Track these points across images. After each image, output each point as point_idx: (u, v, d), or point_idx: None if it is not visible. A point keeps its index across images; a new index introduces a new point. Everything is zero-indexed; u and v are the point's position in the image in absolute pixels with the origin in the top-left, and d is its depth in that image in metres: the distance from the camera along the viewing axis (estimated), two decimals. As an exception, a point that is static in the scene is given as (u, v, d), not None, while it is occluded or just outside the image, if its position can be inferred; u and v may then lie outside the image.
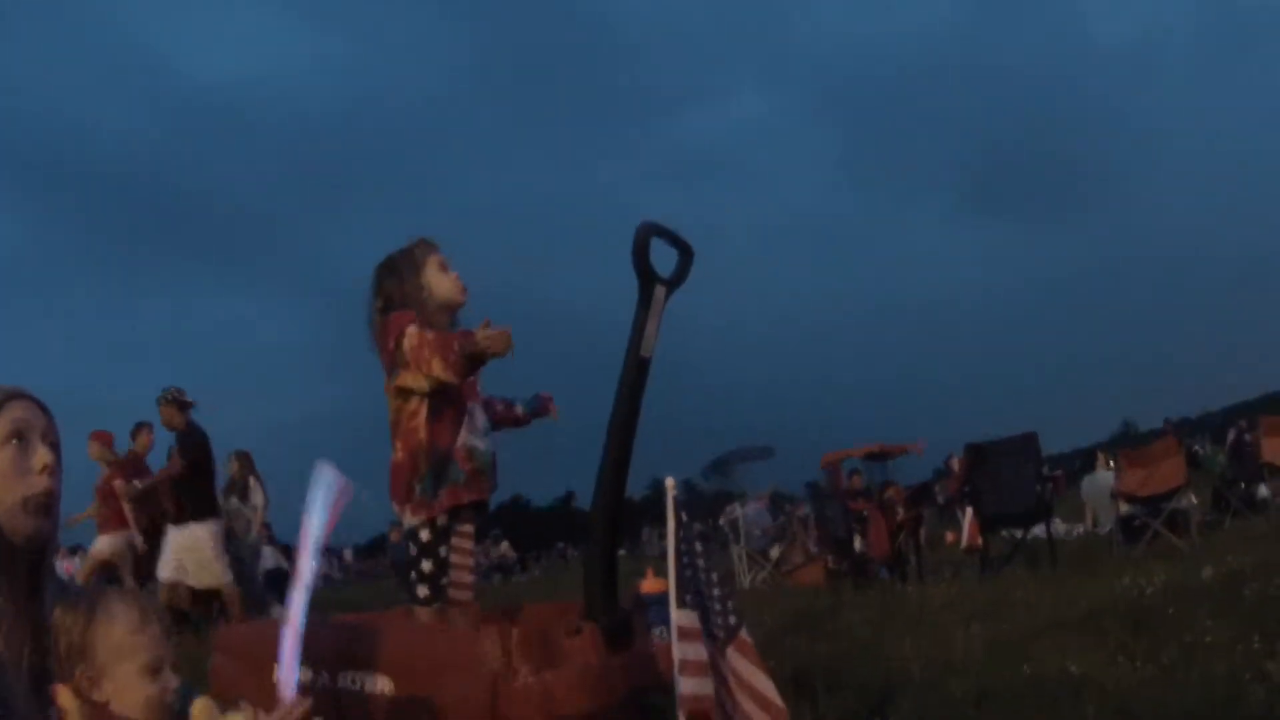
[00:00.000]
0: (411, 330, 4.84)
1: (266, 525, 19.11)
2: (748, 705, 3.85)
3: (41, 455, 2.65)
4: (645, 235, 4.69)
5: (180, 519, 13.07)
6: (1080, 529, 19.46)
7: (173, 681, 2.65)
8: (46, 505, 2.66)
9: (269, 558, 21.82)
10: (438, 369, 4.71)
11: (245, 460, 15.58)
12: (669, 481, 4.24)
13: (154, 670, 2.62)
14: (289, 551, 29.24)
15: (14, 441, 2.62)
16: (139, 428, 15.48)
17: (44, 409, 2.75)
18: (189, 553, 12.83)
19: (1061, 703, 5.67)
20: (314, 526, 2.80)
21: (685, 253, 4.87)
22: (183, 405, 13.23)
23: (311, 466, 2.79)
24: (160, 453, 15.19)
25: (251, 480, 15.33)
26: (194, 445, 13.13)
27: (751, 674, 3.91)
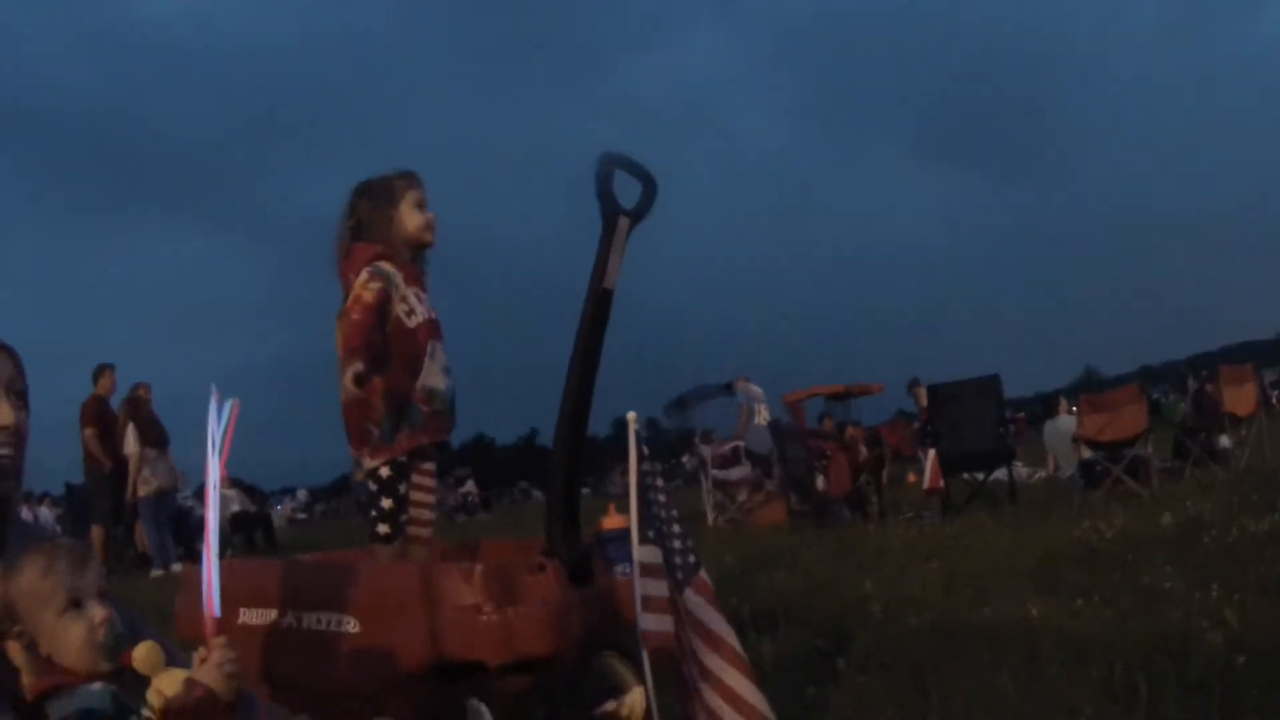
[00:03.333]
0: (362, 291, 4.91)
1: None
2: (704, 645, 3.87)
3: (5, 411, 2.65)
4: (608, 166, 4.69)
5: None
6: (1041, 474, 19.48)
7: (98, 614, 2.59)
8: (6, 455, 2.65)
9: (234, 500, 21.83)
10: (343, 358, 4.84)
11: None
12: (630, 416, 4.22)
13: (74, 607, 2.57)
14: (253, 493, 29.30)
15: None
16: (101, 370, 15.48)
17: (11, 355, 2.73)
18: None
19: (1018, 643, 5.70)
20: (211, 459, 2.78)
21: (648, 184, 4.82)
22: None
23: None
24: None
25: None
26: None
27: (708, 614, 3.92)
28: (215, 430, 2.74)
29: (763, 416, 20.13)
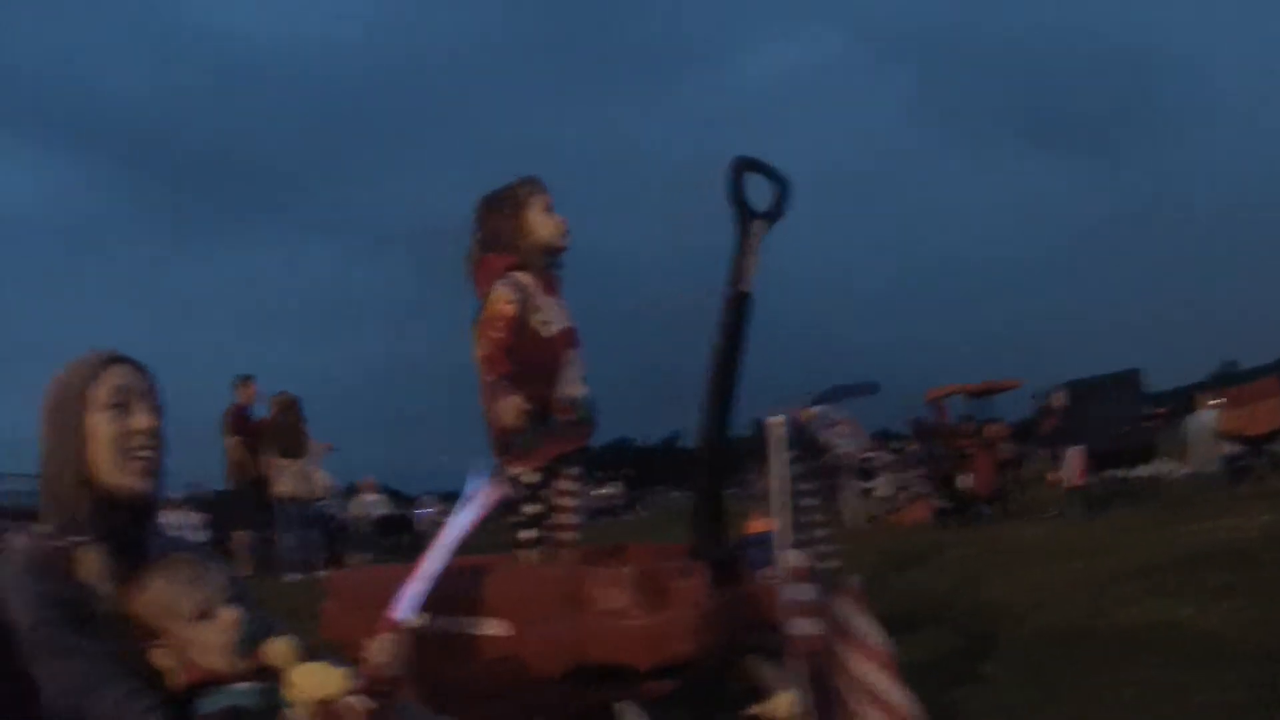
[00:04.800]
0: (500, 306, 4.97)
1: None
2: (853, 651, 3.87)
3: (141, 418, 2.71)
4: (739, 169, 4.67)
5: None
6: (1184, 470, 19.28)
7: (227, 617, 2.66)
8: (146, 467, 2.72)
9: (379, 505, 22.08)
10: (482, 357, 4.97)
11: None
12: (774, 419, 4.23)
13: (203, 615, 2.64)
14: (398, 498, 29.56)
15: (115, 406, 2.68)
16: (242, 380, 15.77)
17: (144, 372, 2.80)
18: None
19: (1159, 646, 5.65)
20: (458, 524, 2.95)
21: (782, 185, 4.80)
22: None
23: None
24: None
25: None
26: None
27: (857, 620, 3.92)
28: (471, 495, 2.95)
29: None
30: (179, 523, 17.19)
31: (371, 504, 21.64)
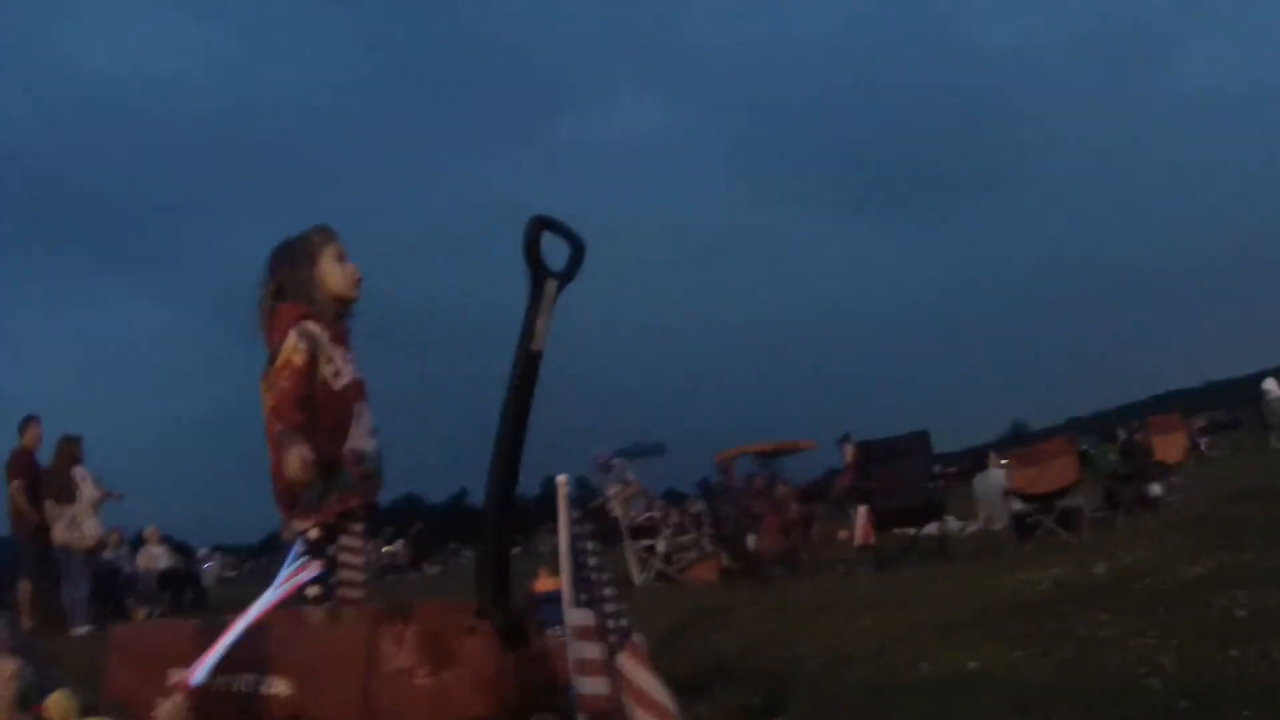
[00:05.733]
0: (290, 356, 4.95)
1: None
2: (639, 710, 3.90)
3: None
4: (536, 229, 4.66)
5: None
6: (973, 526, 19.61)
7: (6, 669, 2.62)
8: None
9: (162, 558, 21.64)
10: (270, 408, 4.95)
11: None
12: (561, 479, 4.25)
13: None
14: (182, 550, 29.09)
15: None
16: (27, 422, 15.36)
17: None
18: None
19: (957, 697, 5.74)
20: (265, 599, 2.98)
21: (577, 247, 4.83)
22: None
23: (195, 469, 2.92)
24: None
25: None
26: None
27: (643, 679, 3.95)
28: (283, 572, 2.99)
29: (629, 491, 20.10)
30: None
31: (156, 556, 21.22)
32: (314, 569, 3.19)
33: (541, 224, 4.67)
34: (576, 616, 4.04)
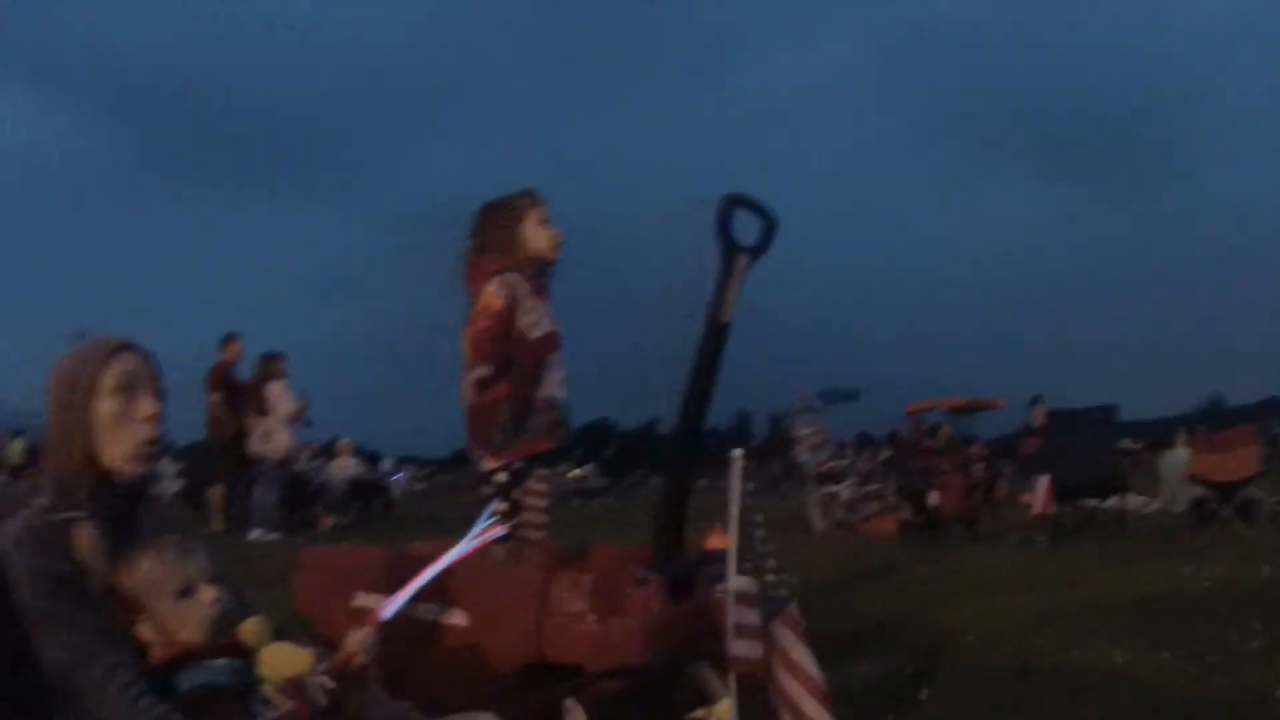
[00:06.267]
0: (489, 300, 5.20)
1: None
2: (786, 673, 4.11)
3: (145, 405, 2.89)
4: (729, 205, 4.79)
5: None
6: (1154, 505, 19.32)
7: (207, 595, 2.84)
8: (149, 452, 2.91)
9: (353, 469, 22.07)
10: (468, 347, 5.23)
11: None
12: (737, 453, 4.44)
13: (185, 593, 2.83)
14: (373, 460, 29.60)
15: (121, 392, 2.86)
16: (228, 338, 15.89)
17: (150, 359, 2.98)
18: None
19: (1096, 691, 5.81)
20: (457, 549, 3.17)
21: (769, 222, 4.93)
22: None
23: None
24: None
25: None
26: None
27: (793, 645, 4.16)
28: (477, 526, 3.18)
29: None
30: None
31: (347, 467, 21.68)
32: (502, 530, 3.39)
33: (734, 200, 4.82)
34: (738, 582, 4.25)
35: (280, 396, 15.38)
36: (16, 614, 1.36)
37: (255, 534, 14.44)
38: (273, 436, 15.30)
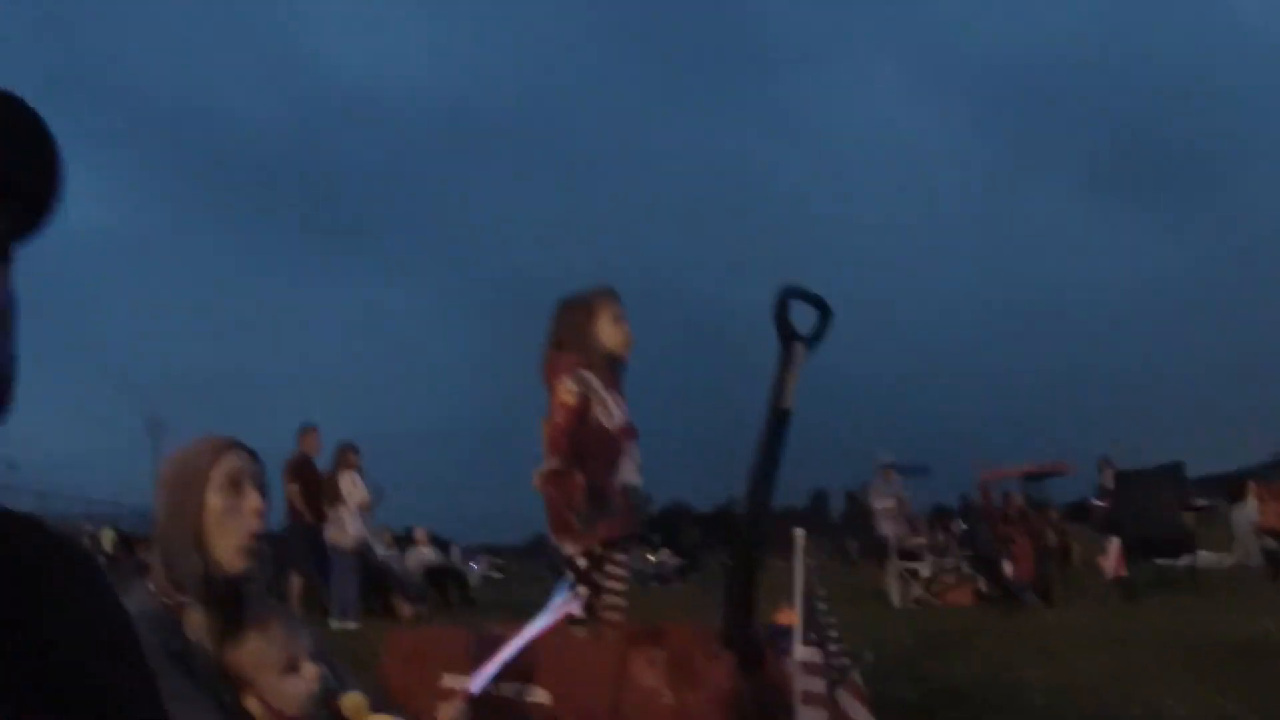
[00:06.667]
0: (564, 397, 5.45)
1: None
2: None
3: (252, 500, 3.12)
4: (784, 297, 4.99)
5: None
6: (1229, 560, 19.27)
7: (311, 671, 3.06)
8: (255, 545, 3.14)
9: (430, 557, 22.32)
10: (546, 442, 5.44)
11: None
12: (799, 533, 4.67)
13: (290, 668, 3.05)
14: (448, 548, 29.77)
15: (230, 487, 3.09)
16: (305, 430, 16.25)
17: (255, 457, 3.22)
18: None
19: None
20: (538, 623, 3.40)
21: (824, 311, 5.10)
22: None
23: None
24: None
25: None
26: None
27: (857, 712, 4.38)
28: (555, 599, 3.41)
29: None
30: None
31: (425, 555, 21.93)
32: (581, 599, 3.63)
33: (789, 292, 5.03)
34: (804, 653, 4.46)
35: (351, 487, 15.65)
36: (153, 680, 1.53)
37: (335, 622, 14.67)
38: (345, 526, 15.55)
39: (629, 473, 5.64)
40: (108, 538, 25.97)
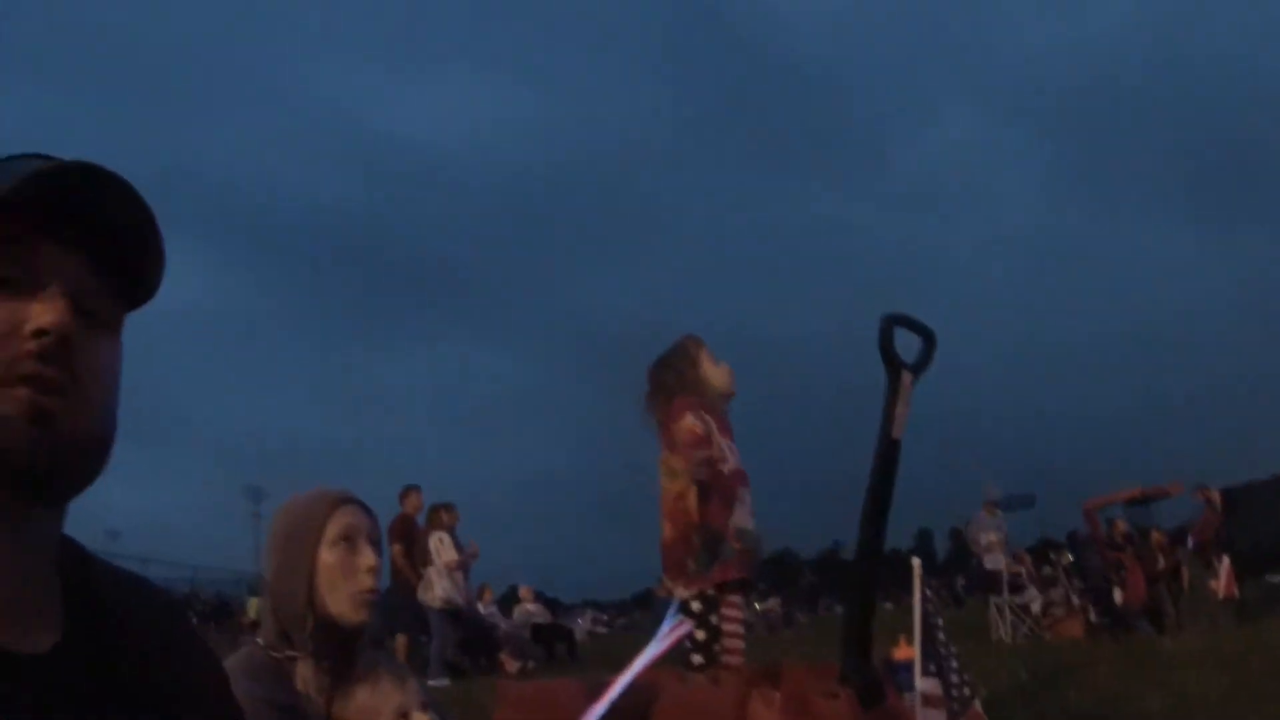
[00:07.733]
0: (689, 425, 5.44)
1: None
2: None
3: (367, 556, 3.14)
4: (889, 325, 4.95)
5: None
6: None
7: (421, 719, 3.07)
8: (369, 600, 3.16)
9: (536, 614, 22.42)
10: (679, 470, 5.38)
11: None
12: (915, 562, 4.66)
13: (401, 719, 3.06)
14: (554, 606, 29.84)
15: (344, 542, 3.11)
16: (408, 491, 16.44)
17: (369, 511, 3.24)
18: None
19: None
20: (647, 655, 3.38)
21: (929, 339, 5.07)
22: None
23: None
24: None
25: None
26: None
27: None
28: (663, 629, 3.39)
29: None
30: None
31: (531, 612, 22.02)
32: (689, 626, 3.61)
33: (893, 320, 5.00)
34: (925, 684, 4.45)
35: (439, 546, 15.80)
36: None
37: (431, 681, 14.76)
38: (433, 585, 15.68)
39: (742, 517, 5.64)
40: (253, 605, 26.49)
